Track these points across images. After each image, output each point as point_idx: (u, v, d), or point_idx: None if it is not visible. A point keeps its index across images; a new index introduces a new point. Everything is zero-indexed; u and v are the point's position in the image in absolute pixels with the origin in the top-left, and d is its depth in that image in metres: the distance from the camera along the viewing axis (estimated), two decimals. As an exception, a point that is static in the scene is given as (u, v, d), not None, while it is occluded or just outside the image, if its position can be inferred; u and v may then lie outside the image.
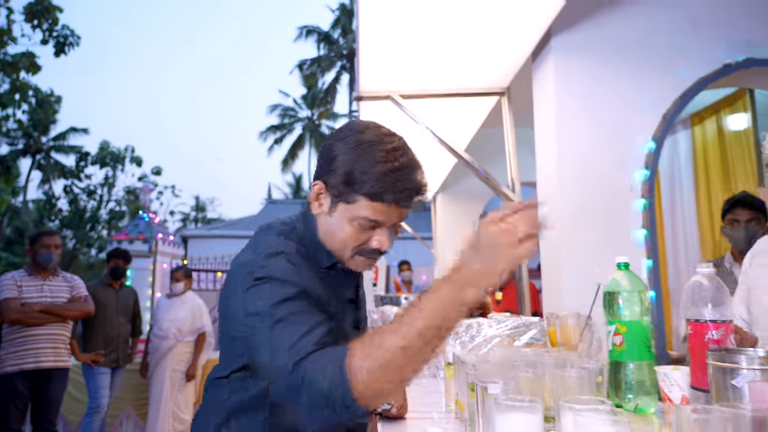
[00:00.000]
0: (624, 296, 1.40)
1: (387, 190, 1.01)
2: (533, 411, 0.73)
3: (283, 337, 0.92)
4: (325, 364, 0.86)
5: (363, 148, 1.03)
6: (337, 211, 1.07)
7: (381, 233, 1.06)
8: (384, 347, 0.84)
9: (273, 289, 0.98)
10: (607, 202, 2.54)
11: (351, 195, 1.03)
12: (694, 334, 1.18)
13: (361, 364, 0.84)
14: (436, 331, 0.84)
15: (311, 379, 0.86)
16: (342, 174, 1.03)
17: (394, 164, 1.01)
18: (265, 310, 0.96)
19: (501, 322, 1.98)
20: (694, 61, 2.62)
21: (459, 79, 2.97)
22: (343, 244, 1.08)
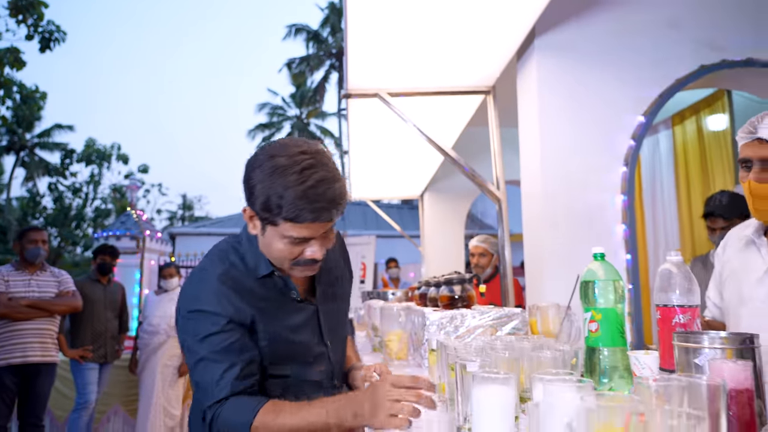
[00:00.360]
0: (599, 285, 1.46)
1: (303, 210, 1.08)
2: (507, 383, 0.79)
3: (204, 376, 1.15)
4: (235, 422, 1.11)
5: (276, 175, 1.08)
6: (267, 231, 1.16)
7: (312, 245, 1.16)
8: (280, 427, 1.08)
9: (200, 324, 1.17)
10: (589, 199, 2.62)
11: (273, 219, 1.11)
12: (662, 318, 1.25)
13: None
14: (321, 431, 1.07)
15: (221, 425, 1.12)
16: (261, 203, 1.11)
17: (306, 185, 1.07)
18: (192, 345, 1.17)
19: (484, 313, 2.05)
20: (673, 63, 2.71)
21: (446, 77, 3.03)
22: (280, 260, 1.19)
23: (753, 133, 1.35)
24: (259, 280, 1.24)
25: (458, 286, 2.15)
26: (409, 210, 15.56)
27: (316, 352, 1.32)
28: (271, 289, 1.26)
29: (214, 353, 1.14)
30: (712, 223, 2.67)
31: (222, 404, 1.12)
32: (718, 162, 3.91)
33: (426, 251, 6.31)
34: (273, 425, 1.08)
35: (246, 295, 1.21)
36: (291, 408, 1.10)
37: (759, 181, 1.35)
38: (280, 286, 1.27)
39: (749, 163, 1.38)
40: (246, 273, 1.24)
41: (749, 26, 2.76)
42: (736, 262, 1.55)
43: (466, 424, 0.94)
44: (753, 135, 1.35)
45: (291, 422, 1.08)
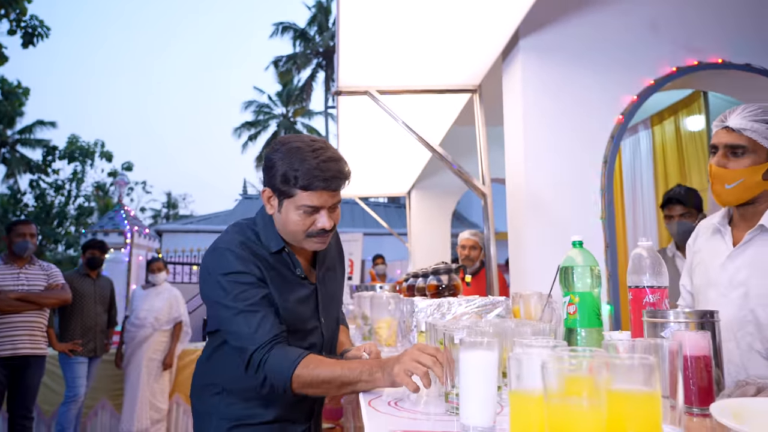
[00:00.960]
0: (577, 270, 1.57)
1: (316, 179, 1.30)
2: (491, 348, 0.88)
3: (245, 326, 1.29)
4: (281, 365, 1.26)
5: (293, 153, 1.32)
6: (284, 207, 1.36)
7: (322, 215, 1.35)
8: (317, 376, 1.24)
9: (234, 283, 1.32)
10: (571, 194, 2.73)
11: (290, 191, 1.33)
12: (634, 298, 1.35)
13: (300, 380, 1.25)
14: (350, 385, 1.25)
15: (268, 369, 1.27)
16: (281, 176, 1.32)
17: (319, 159, 1.31)
18: (228, 302, 1.31)
19: (470, 301, 2.14)
20: (651, 63, 2.84)
21: (434, 76, 3.13)
22: (295, 232, 1.37)
23: (723, 122, 1.49)
24: (270, 255, 1.41)
25: (445, 275, 2.24)
26: (396, 208, 15.67)
27: (311, 326, 1.49)
28: (280, 264, 1.43)
29: (250, 305, 1.30)
30: (670, 211, 2.81)
31: (269, 349, 1.28)
32: (695, 161, 4.06)
33: (413, 248, 6.41)
34: (311, 374, 1.24)
35: (262, 261, 1.38)
36: (328, 362, 1.27)
37: (718, 164, 1.48)
38: (287, 262, 1.44)
39: (715, 149, 1.51)
40: (259, 246, 1.40)
41: (725, 29, 2.89)
42: (704, 249, 1.66)
43: (453, 389, 1.03)
44: (722, 123, 1.49)
45: (325, 373, 1.24)
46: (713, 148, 1.53)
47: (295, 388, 1.26)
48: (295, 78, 26.71)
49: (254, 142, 26.60)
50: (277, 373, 1.26)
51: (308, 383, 1.25)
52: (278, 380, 1.26)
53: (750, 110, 1.46)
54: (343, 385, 1.24)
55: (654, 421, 0.60)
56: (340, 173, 1.34)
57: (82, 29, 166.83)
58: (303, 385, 1.25)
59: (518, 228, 2.84)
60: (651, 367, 0.61)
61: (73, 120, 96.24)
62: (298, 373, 1.25)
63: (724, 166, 1.49)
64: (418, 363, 1.14)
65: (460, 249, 3.97)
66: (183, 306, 4.76)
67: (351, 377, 1.23)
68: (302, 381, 1.25)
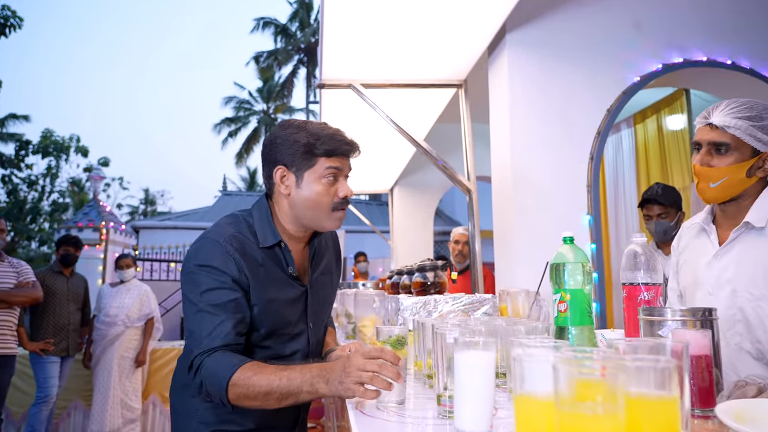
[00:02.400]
0: (568, 267, 1.53)
1: (339, 142, 1.32)
2: (488, 348, 0.83)
3: (199, 326, 1.22)
4: (218, 370, 1.17)
5: (304, 127, 1.34)
6: (305, 179, 1.33)
7: (343, 183, 1.35)
8: (254, 386, 1.14)
9: (204, 278, 1.25)
10: (556, 190, 2.70)
11: (312, 160, 1.32)
12: (628, 296, 1.32)
13: (236, 390, 1.15)
14: (291, 397, 1.13)
15: (204, 374, 1.18)
16: (303, 146, 1.31)
17: (331, 130, 1.34)
18: (193, 297, 1.25)
19: (456, 299, 2.10)
20: (636, 61, 2.82)
21: (419, 70, 3.08)
22: (320, 203, 1.33)
23: (706, 119, 1.46)
24: (262, 250, 1.34)
25: (431, 272, 2.19)
26: (377, 206, 15.61)
27: (298, 330, 1.40)
28: (272, 260, 1.35)
29: (212, 306, 1.23)
30: (648, 211, 2.76)
31: (210, 354, 1.20)
32: (677, 159, 4.09)
33: (395, 245, 6.36)
34: (247, 384, 1.14)
35: (248, 259, 1.30)
36: (269, 370, 1.15)
37: (702, 163, 1.46)
38: (280, 258, 1.37)
39: (699, 146, 1.48)
40: (251, 241, 1.33)
41: (709, 28, 2.89)
42: (689, 249, 1.64)
43: (446, 392, 0.98)
44: (706, 120, 1.46)
45: (263, 383, 1.13)
46: (696, 145, 1.50)
47: (232, 399, 1.16)
48: (276, 74, 26.46)
49: (234, 138, 26.31)
50: (213, 379, 1.17)
51: (245, 394, 1.14)
52: (214, 387, 1.17)
53: (733, 107, 1.43)
54: (283, 397, 1.13)
55: (673, 428, 0.55)
56: (354, 142, 1.37)
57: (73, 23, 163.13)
58: (240, 396, 1.15)
59: (504, 225, 2.81)
60: (670, 370, 0.56)
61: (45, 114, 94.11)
62: (234, 380, 1.15)
63: (708, 164, 1.46)
64: (365, 371, 1.05)
65: (453, 244, 3.94)
66: (154, 302, 4.63)
67: (291, 389, 1.12)
68: (239, 391, 1.15)
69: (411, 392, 1.25)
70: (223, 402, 1.17)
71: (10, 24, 11.63)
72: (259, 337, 1.33)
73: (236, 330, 1.23)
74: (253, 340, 1.33)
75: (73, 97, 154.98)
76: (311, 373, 1.12)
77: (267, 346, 1.35)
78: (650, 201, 2.77)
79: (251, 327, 1.31)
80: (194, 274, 1.27)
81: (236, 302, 1.25)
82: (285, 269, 1.37)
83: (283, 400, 1.13)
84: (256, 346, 1.33)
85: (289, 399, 1.13)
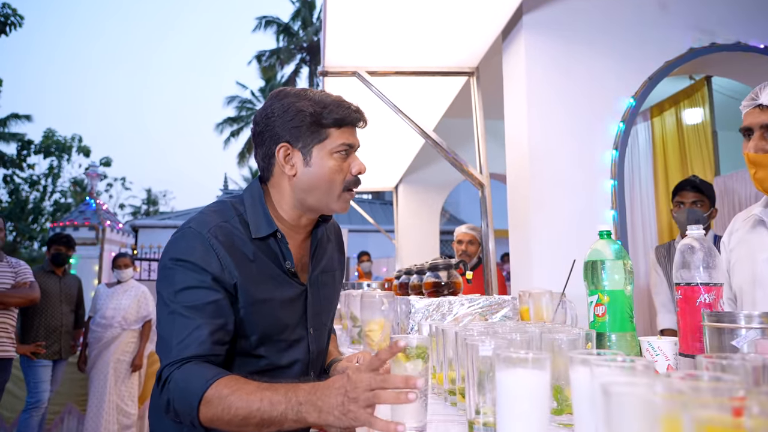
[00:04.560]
0: (607, 265, 1.34)
1: (348, 110, 1.15)
2: (541, 366, 0.64)
3: (170, 331, 1.03)
4: (188, 387, 0.97)
5: (305, 95, 1.16)
6: (314, 156, 1.14)
7: (355, 158, 1.19)
8: (230, 408, 0.94)
9: (180, 275, 1.06)
10: (577, 182, 2.51)
11: (321, 132, 1.14)
12: (684, 298, 1.13)
13: (209, 410, 0.95)
14: (273, 425, 0.92)
15: (173, 390, 0.98)
16: (309, 116, 1.12)
17: (333, 97, 1.16)
18: (166, 296, 1.06)
19: (473, 301, 1.91)
20: (662, 45, 2.63)
21: (428, 56, 2.89)
22: (332, 181, 1.15)
23: (755, 100, 1.31)
24: (254, 242, 1.15)
25: (444, 272, 2.00)
26: (381, 205, 15.43)
27: (296, 335, 1.20)
28: (265, 254, 1.16)
29: (187, 309, 1.04)
30: (682, 197, 2.66)
31: (180, 366, 0.99)
32: (698, 153, 3.89)
33: (400, 244, 6.18)
34: (223, 404, 0.94)
35: (235, 254, 1.11)
36: (249, 388, 0.94)
37: (757, 149, 1.29)
38: (275, 251, 1.18)
39: (750, 132, 1.33)
40: (241, 232, 1.14)
41: (739, 11, 2.70)
42: (745, 245, 1.45)
43: (479, 417, 0.79)
44: (754, 102, 1.31)
45: (241, 405, 0.93)
46: (747, 131, 1.34)
47: (204, 421, 0.96)
48: (278, 73, 26.31)
49: (236, 138, 26.19)
50: (182, 396, 0.97)
51: (219, 416, 0.94)
52: (183, 406, 0.97)
53: None
54: (264, 424, 0.92)
55: None
56: (359, 109, 1.20)
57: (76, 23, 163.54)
58: (213, 419, 0.95)
59: (520, 221, 2.62)
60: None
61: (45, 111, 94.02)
62: (208, 398, 0.94)
63: (764, 150, 1.28)
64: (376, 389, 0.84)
65: (456, 244, 3.74)
66: (152, 303, 4.44)
67: (273, 415, 0.91)
68: (212, 412, 0.94)
69: (430, 412, 1.06)
70: (194, 424, 0.97)
71: (10, 22, 11.51)
72: (250, 344, 1.13)
73: (214, 338, 1.03)
74: (245, 348, 1.13)
75: (76, 96, 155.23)
76: (298, 398, 0.90)
77: (261, 355, 1.14)
78: (685, 187, 2.65)
79: (241, 333, 1.11)
80: (169, 270, 1.08)
81: (216, 305, 1.05)
82: (281, 264, 1.17)
83: (263, 427, 0.93)
84: (247, 355, 1.13)
85: (272, 427, 0.92)
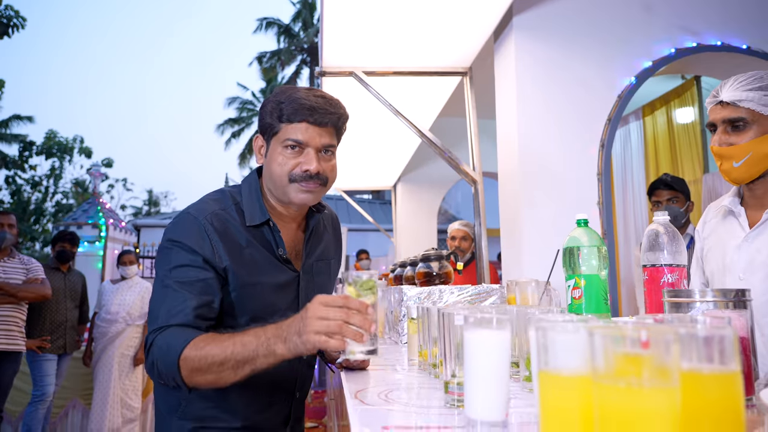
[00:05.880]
0: (583, 251, 1.43)
1: (301, 107, 1.19)
2: (503, 327, 0.73)
3: (161, 302, 1.13)
4: (169, 348, 1.05)
5: (285, 90, 1.24)
6: (271, 148, 1.24)
7: (308, 156, 1.21)
8: (206, 357, 1.02)
9: (174, 254, 1.16)
10: (566, 179, 2.60)
11: (276, 126, 1.21)
12: (650, 279, 1.22)
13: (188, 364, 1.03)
14: (247, 364, 1.01)
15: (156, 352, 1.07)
16: (268, 112, 1.22)
17: (309, 92, 1.22)
18: (162, 273, 1.16)
19: (462, 289, 2.00)
20: (648, 45, 2.72)
21: (423, 57, 2.99)
22: (280, 174, 1.21)
23: (716, 97, 1.39)
24: (248, 229, 1.23)
25: (436, 262, 2.09)
26: (380, 204, 15.52)
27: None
28: (259, 241, 1.25)
29: (178, 283, 1.13)
30: (657, 197, 2.76)
31: (162, 331, 1.09)
32: (687, 151, 3.98)
33: (398, 242, 6.27)
34: (199, 355, 1.03)
35: (228, 241, 1.20)
36: (222, 338, 1.04)
37: (720, 143, 1.38)
38: (268, 239, 1.26)
39: (714, 127, 1.41)
40: (235, 220, 1.23)
41: (724, 11, 2.79)
42: (716, 234, 1.54)
43: (454, 379, 0.89)
44: (716, 99, 1.39)
45: (216, 352, 1.02)
46: (711, 126, 1.42)
47: (185, 376, 1.04)
48: (279, 75, 26.40)
49: (237, 139, 26.28)
50: (164, 355, 1.05)
51: (197, 368, 1.02)
52: (166, 366, 1.05)
53: (742, 80, 1.35)
54: (238, 365, 1.01)
55: (736, 409, 0.45)
56: (331, 106, 1.22)
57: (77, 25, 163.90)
58: (192, 371, 1.03)
59: (511, 215, 2.71)
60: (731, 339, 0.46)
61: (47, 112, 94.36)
62: (186, 354, 1.03)
63: (727, 143, 1.37)
64: (328, 319, 0.94)
65: (449, 240, 3.83)
66: None
67: (245, 355, 1.00)
68: (191, 365, 1.03)
69: (415, 383, 1.15)
70: (177, 383, 1.05)
71: (13, 24, 11.61)
72: (240, 326, 1.18)
73: (198, 312, 1.12)
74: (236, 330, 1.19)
75: (77, 98, 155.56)
76: (266, 334, 1.00)
77: None
78: (659, 186, 2.75)
79: (231, 313, 1.21)
80: (167, 250, 1.18)
81: (205, 283, 1.15)
82: (274, 251, 1.26)
83: (238, 368, 1.01)
84: None
85: (245, 367, 1.01)
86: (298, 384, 1.36)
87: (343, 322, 0.93)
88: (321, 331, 0.93)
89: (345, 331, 0.93)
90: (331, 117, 1.22)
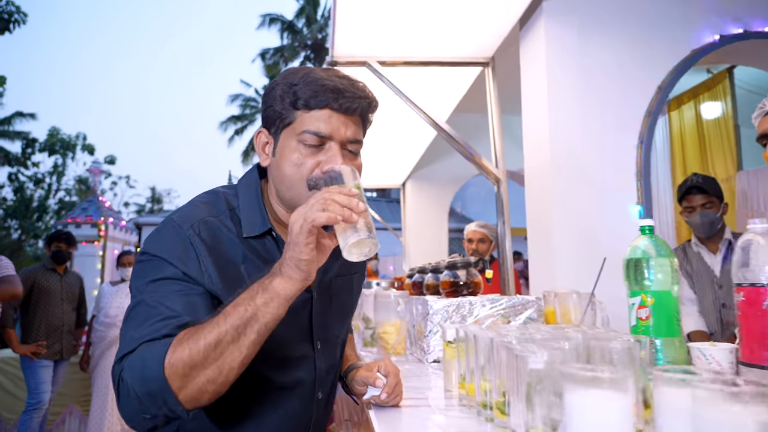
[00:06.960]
0: (651, 264, 1.22)
1: (323, 89, 0.93)
2: (620, 387, 0.53)
3: (132, 323, 0.87)
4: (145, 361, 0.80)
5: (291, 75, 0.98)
6: (280, 143, 0.97)
7: (332, 152, 0.95)
8: (199, 341, 0.79)
9: (153, 267, 0.92)
10: (601, 177, 2.39)
11: (288, 115, 0.96)
12: (747, 300, 1.01)
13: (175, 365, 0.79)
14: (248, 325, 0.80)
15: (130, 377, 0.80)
16: (278, 98, 0.96)
17: (320, 73, 0.97)
18: (136, 288, 0.92)
19: (495, 302, 1.80)
20: (689, 32, 2.50)
21: (441, 46, 2.77)
22: (296, 177, 0.95)
23: (762, 109, 1.35)
24: (245, 241, 0.98)
25: (463, 270, 1.88)
26: (387, 203, 15.31)
27: (298, 353, 1.03)
28: (258, 255, 0.99)
29: (155, 298, 0.87)
30: (690, 202, 2.51)
31: (131, 353, 0.83)
32: (718, 147, 3.75)
33: (407, 242, 6.06)
34: (186, 352, 0.79)
35: (220, 256, 0.95)
36: (204, 323, 0.82)
37: None
38: (271, 252, 0.99)
39: (766, 139, 1.35)
40: (230, 230, 0.98)
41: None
42: None
43: None
44: (763, 110, 1.34)
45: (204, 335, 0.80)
46: (763, 138, 1.36)
47: (178, 389, 0.78)
48: (282, 71, 26.23)
49: (240, 136, 26.12)
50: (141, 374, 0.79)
51: (190, 365, 0.78)
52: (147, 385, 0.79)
53: None
54: (238, 332, 0.79)
55: None
56: (358, 90, 0.96)
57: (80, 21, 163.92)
58: (185, 375, 0.78)
59: (540, 218, 2.49)
60: None
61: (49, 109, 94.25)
62: (171, 359, 0.78)
63: None
64: (334, 201, 0.80)
65: (466, 243, 3.61)
66: None
67: (245, 315, 0.79)
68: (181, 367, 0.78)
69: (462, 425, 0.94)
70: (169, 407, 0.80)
71: (14, 20, 11.44)
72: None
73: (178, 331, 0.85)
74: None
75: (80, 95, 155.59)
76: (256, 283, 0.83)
77: (257, 374, 0.96)
78: (692, 190, 2.51)
79: None
80: (142, 263, 0.93)
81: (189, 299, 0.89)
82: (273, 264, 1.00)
83: (240, 338, 0.79)
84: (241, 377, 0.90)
85: (248, 331, 0.80)
86: (313, 426, 1.13)
87: (330, 200, 0.81)
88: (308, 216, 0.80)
89: (332, 207, 0.80)
90: (361, 102, 0.95)
